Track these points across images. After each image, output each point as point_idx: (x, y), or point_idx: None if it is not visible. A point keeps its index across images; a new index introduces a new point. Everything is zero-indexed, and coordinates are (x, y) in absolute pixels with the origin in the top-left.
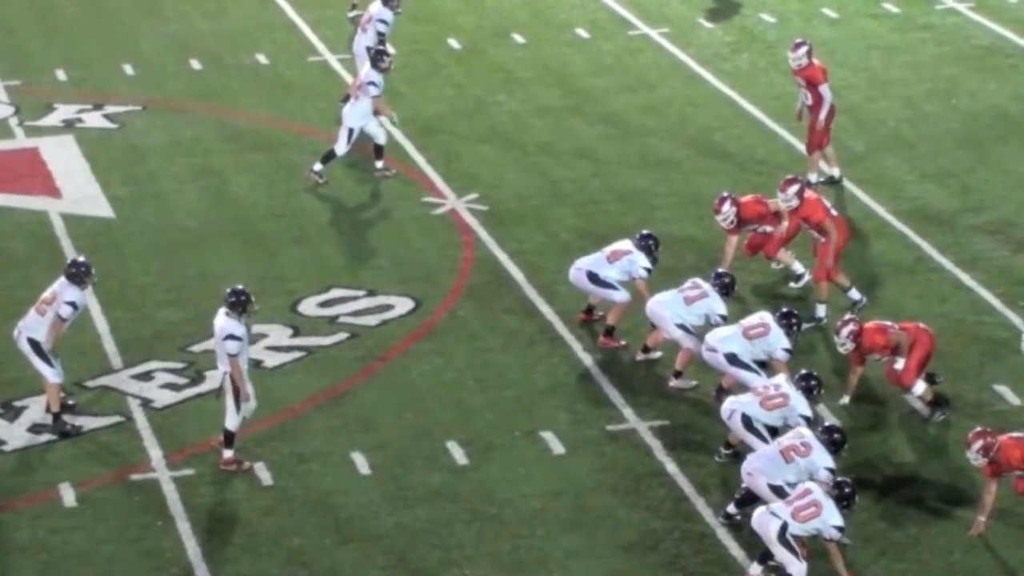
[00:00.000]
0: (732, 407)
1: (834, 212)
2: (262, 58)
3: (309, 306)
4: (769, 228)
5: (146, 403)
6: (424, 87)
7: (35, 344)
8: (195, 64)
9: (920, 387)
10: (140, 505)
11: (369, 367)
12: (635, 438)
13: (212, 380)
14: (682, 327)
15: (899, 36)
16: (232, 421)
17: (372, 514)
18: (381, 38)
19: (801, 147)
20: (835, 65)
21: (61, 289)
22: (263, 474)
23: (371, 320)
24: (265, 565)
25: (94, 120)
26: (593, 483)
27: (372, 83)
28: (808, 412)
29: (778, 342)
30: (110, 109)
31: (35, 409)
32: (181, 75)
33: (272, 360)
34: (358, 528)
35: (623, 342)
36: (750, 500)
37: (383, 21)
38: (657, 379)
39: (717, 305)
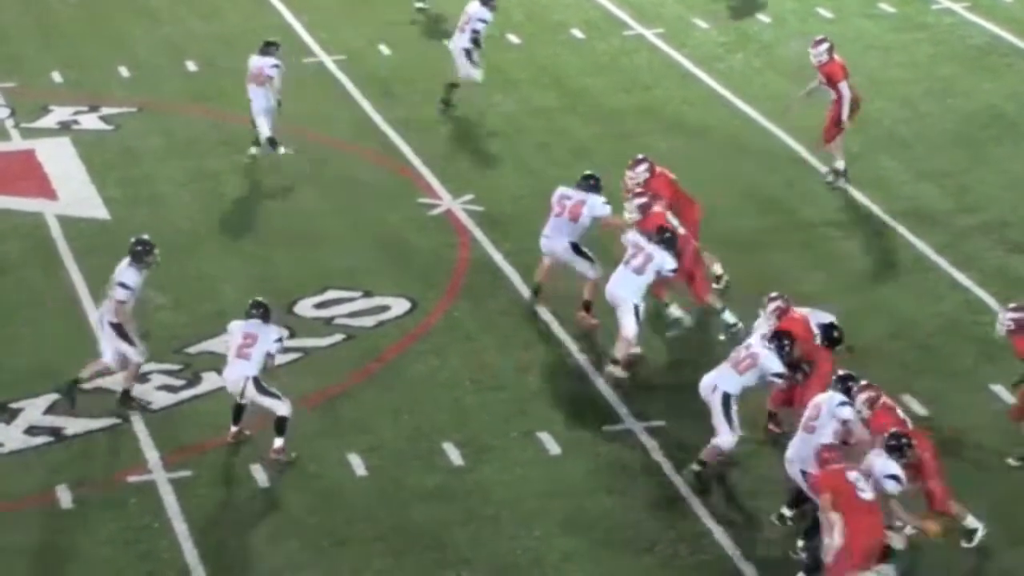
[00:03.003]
0: (714, 382)
1: None
2: None
3: (305, 307)
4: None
5: (143, 405)
6: (420, 88)
7: (117, 327)
8: (190, 66)
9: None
10: (137, 507)
11: (365, 368)
12: (631, 439)
13: (209, 382)
14: (636, 311)
15: (895, 36)
16: (285, 408)
17: (369, 515)
18: (475, 35)
19: (797, 146)
20: None
21: (119, 271)
22: (260, 475)
23: (367, 321)
24: (262, 567)
25: (90, 122)
26: (589, 484)
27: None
28: (779, 368)
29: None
30: (105, 111)
31: (31, 411)
32: (176, 77)
33: (270, 361)
34: (355, 530)
35: (596, 321)
36: (803, 500)
37: (482, 20)
38: (653, 379)
39: (667, 262)
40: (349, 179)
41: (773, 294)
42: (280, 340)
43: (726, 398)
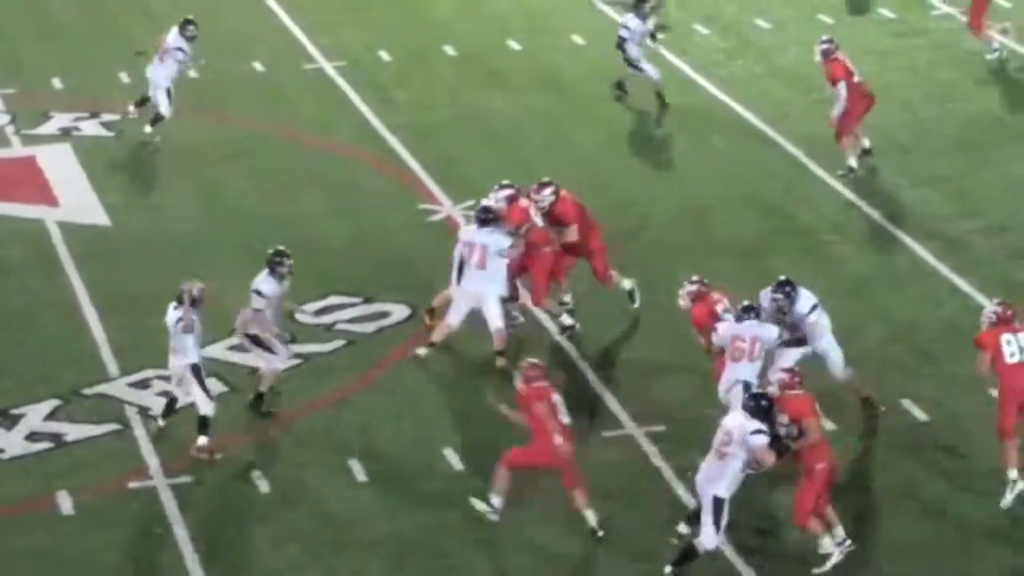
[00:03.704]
0: (733, 377)
1: None
2: (258, 65)
3: (306, 313)
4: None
5: (143, 411)
6: (420, 94)
7: (253, 338)
8: (191, 72)
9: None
10: (138, 513)
11: (366, 374)
12: (631, 444)
13: (209, 388)
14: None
15: (895, 41)
16: (208, 408)
17: (369, 521)
18: (620, 42)
19: (795, 151)
20: None
21: (257, 281)
22: (260, 482)
23: (368, 327)
24: (262, 572)
25: (90, 128)
26: (589, 488)
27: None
28: (775, 332)
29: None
30: (106, 117)
31: (32, 417)
32: (177, 83)
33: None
34: (355, 536)
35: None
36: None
37: (625, 27)
38: (653, 384)
39: (499, 241)
40: (349, 185)
41: (694, 277)
42: (179, 322)
43: (747, 387)
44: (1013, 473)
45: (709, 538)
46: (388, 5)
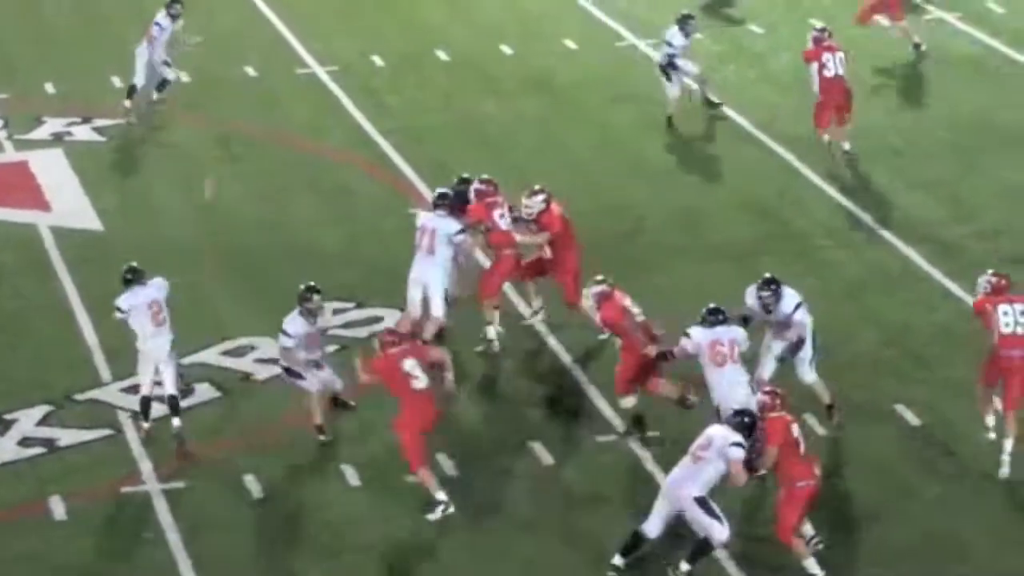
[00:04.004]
0: (726, 381)
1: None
2: (251, 70)
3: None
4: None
5: (136, 416)
6: (413, 98)
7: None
8: (183, 76)
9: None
10: (130, 518)
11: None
12: (624, 448)
13: (201, 393)
14: (445, 293)
15: (887, 46)
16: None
17: (362, 526)
18: (670, 59)
19: (788, 155)
20: None
21: (286, 320)
22: (253, 486)
23: (361, 332)
24: None
25: (83, 133)
26: (583, 494)
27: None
28: (744, 332)
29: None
30: (99, 122)
31: (25, 422)
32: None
33: (263, 372)
34: (348, 540)
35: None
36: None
37: (669, 43)
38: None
39: (448, 226)
40: (342, 189)
41: (598, 277)
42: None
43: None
44: (990, 421)
45: (718, 531)
46: (381, 10)
